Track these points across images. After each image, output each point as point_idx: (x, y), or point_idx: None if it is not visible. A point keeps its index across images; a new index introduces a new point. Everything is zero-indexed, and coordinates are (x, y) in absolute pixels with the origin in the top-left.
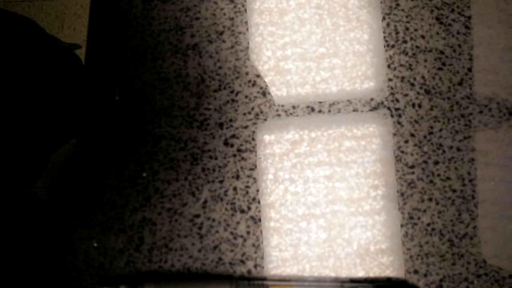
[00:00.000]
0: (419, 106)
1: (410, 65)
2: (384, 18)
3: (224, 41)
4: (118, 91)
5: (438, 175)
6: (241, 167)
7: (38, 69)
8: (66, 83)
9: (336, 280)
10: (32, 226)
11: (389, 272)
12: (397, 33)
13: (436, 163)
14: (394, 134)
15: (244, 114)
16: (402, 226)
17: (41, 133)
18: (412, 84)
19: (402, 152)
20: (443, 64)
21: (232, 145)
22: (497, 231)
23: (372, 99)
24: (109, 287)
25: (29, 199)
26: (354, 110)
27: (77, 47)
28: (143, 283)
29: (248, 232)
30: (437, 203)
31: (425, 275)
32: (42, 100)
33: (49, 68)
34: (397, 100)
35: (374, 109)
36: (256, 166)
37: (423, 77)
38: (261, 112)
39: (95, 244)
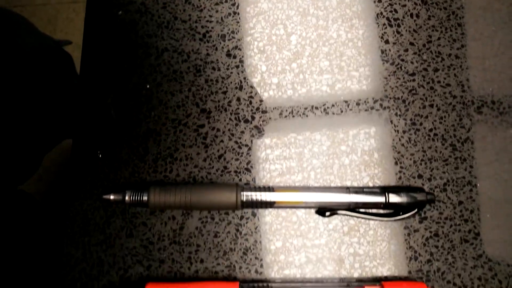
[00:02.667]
0: (417, 16)
1: None
2: None
3: None
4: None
5: (438, 81)
6: (244, 78)
7: (26, 64)
8: (55, 79)
9: (343, 187)
10: (20, 221)
11: (393, 179)
12: None
13: (436, 70)
14: (394, 43)
15: (247, 26)
16: (404, 132)
17: (30, 128)
18: None
19: (403, 60)
20: None
21: (234, 56)
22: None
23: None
24: (114, 194)
25: (17, 194)
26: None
27: (67, 43)
28: (148, 187)
29: (252, 141)
30: (438, 109)
31: (429, 180)
32: (30, 96)
33: (38, 63)
34: (396, 11)
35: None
36: (260, 76)
37: None
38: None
39: (100, 155)
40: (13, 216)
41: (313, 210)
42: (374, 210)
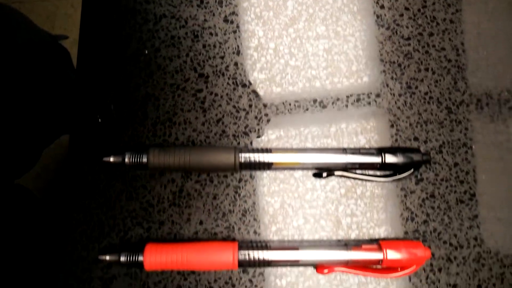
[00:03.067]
0: None
1: None
2: None
3: None
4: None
5: (433, 46)
6: (241, 43)
7: (23, 58)
8: (52, 73)
9: (339, 148)
10: (16, 214)
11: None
12: None
13: (431, 34)
14: (389, 8)
15: None
16: (400, 95)
17: (27, 122)
18: None
19: (398, 25)
20: None
21: (232, 22)
22: None
23: None
24: (114, 156)
25: (15, 188)
26: None
27: (64, 37)
28: (148, 149)
29: (250, 106)
30: (434, 73)
31: (425, 142)
32: (27, 90)
33: (35, 58)
34: None
35: None
36: (257, 41)
37: None
38: None
39: (100, 120)
40: (9, 209)
41: (310, 173)
42: (371, 172)
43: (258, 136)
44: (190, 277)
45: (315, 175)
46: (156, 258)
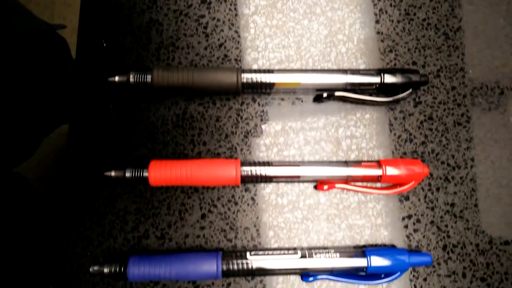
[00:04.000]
0: None
1: None
2: None
3: None
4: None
5: None
6: None
7: (19, 46)
8: (49, 62)
9: (340, 69)
10: (12, 202)
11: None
12: None
13: None
14: None
15: None
16: (399, 22)
17: (25, 111)
18: None
19: None
20: None
21: None
22: None
23: None
24: (119, 76)
25: (12, 176)
26: None
27: (61, 26)
28: (152, 68)
29: (252, 31)
30: (431, 0)
31: (423, 66)
32: (23, 79)
33: (31, 46)
34: None
35: None
36: None
37: None
38: None
39: (104, 44)
40: (6, 196)
41: (311, 97)
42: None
43: (260, 60)
44: (194, 195)
45: (315, 99)
46: (161, 173)
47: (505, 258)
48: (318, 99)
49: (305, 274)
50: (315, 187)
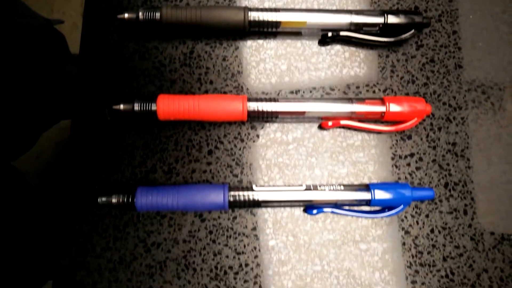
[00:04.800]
0: None
1: None
2: None
3: None
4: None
5: None
6: None
7: (16, 41)
8: (47, 57)
9: (345, 9)
10: (7, 195)
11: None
12: None
13: None
14: None
15: None
16: None
17: (22, 105)
18: None
19: None
20: None
21: None
22: None
23: None
24: (128, 12)
25: (9, 170)
26: None
27: (59, 22)
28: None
29: None
30: None
31: (425, 11)
32: (21, 73)
33: (28, 41)
34: None
35: None
36: None
37: None
38: None
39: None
40: (1, 190)
41: (316, 40)
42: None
43: (266, 2)
44: (201, 132)
45: (321, 42)
46: (169, 107)
47: (505, 196)
48: (323, 41)
49: (309, 207)
50: (320, 126)
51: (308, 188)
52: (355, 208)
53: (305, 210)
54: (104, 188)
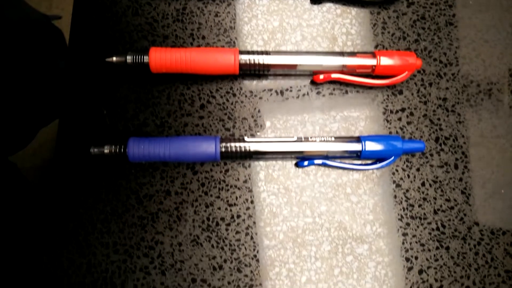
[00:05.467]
0: None
1: None
2: None
3: None
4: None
5: None
6: None
7: (13, 36)
8: (45, 53)
9: None
10: (4, 191)
11: None
12: None
13: None
14: None
15: None
16: None
17: (20, 101)
18: None
19: None
20: None
21: None
22: None
23: None
24: None
25: (6, 164)
26: None
27: (56, 17)
28: None
29: None
30: None
31: None
32: (18, 68)
33: (26, 36)
34: None
35: None
36: None
37: None
38: None
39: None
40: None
41: None
42: None
43: None
44: (193, 87)
45: (312, 1)
46: (162, 59)
47: (495, 150)
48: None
49: (300, 159)
50: (311, 82)
51: (299, 140)
52: (346, 161)
53: (296, 164)
54: (96, 139)
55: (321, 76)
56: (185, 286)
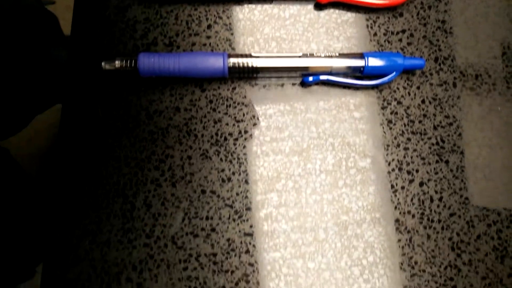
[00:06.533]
0: None
1: None
2: None
3: None
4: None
5: None
6: None
7: (5, 22)
8: (38, 38)
9: None
10: None
11: None
12: None
13: None
14: None
15: None
16: None
17: (12, 86)
18: None
19: None
20: None
21: None
22: None
23: None
24: None
25: None
26: None
27: (50, 2)
28: None
29: None
30: None
31: None
32: (7, 55)
33: (18, 22)
34: None
35: None
36: None
37: None
38: None
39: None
40: None
41: None
42: None
43: None
44: (200, 8)
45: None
46: None
47: (492, 70)
48: None
49: (306, 75)
50: (316, 4)
51: (304, 55)
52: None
53: (301, 83)
54: (107, 55)
55: None
56: (195, 197)
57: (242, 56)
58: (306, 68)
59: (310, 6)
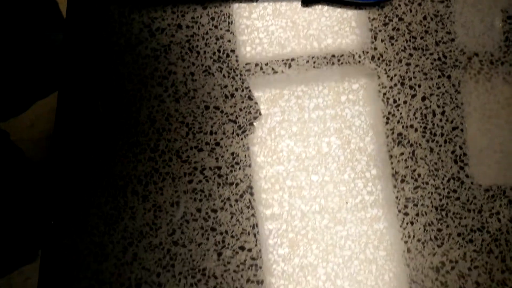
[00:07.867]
0: None
1: None
2: None
3: None
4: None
5: None
6: None
7: (3, 5)
8: (38, 23)
9: None
10: None
11: None
12: None
13: None
14: None
15: None
16: None
17: (12, 70)
18: None
19: None
20: None
21: None
22: None
23: None
24: None
25: None
26: None
27: None
28: None
29: None
30: None
31: None
32: (9, 38)
33: (17, 5)
34: None
35: None
36: None
37: None
38: None
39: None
40: None
41: None
42: None
43: None
44: None
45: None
46: None
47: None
48: None
49: None
50: None
51: None
52: None
53: (303, 2)
54: None
55: None
56: (198, 112)
57: None
58: None
59: None
